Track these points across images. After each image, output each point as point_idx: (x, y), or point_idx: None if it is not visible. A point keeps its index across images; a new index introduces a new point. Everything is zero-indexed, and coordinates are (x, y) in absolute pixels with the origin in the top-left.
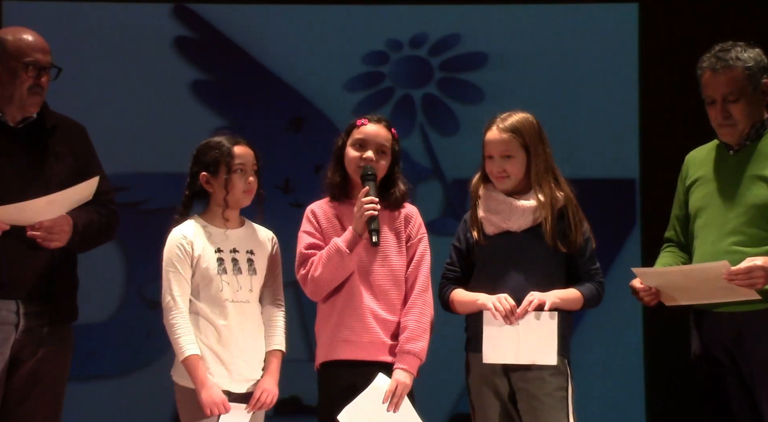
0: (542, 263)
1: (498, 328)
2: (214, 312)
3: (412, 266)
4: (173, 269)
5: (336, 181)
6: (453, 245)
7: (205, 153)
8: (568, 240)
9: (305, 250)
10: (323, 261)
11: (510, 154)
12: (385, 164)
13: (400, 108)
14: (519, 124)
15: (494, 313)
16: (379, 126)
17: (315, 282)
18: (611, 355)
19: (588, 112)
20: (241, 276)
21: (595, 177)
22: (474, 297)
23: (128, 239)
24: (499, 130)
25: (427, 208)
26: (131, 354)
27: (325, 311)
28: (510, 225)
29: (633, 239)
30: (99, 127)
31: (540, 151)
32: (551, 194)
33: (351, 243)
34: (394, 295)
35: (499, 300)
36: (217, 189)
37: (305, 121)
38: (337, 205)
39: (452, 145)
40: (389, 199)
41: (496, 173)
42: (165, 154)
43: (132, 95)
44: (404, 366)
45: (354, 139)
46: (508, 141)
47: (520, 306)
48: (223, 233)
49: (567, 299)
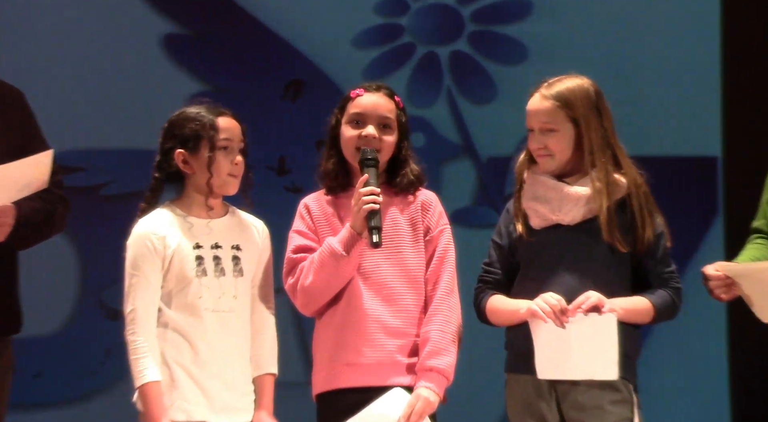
0: (601, 265)
1: (549, 336)
2: (190, 325)
3: (433, 265)
4: (138, 271)
5: (330, 169)
6: (492, 241)
7: (182, 125)
8: (634, 237)
9: (294, 254)
10: (315, 266)
11: (552, 128)
12: (390, 141)
13: (423, 69)
14: (568, 91)
15: (541, 315)
16: (379, 95)
17: (306, 293)
18: (689, 379)
19: (659, 75)
20: (225, 278)
21: (667, 155)
22: (515, 305)
23: (83, 232)
24: (541, 97)
25: (457, 193)
26: (86, 377)
27: (323, 327)
28: (561, 217)
29: (714, 231)
30: (43, 93)
31: (595, 124)
32: (608, 178)
33: (348, 244)
34: (411, 302)
35: (545, 299)
36: (197, 170)
37: (305, 86)
38: (336, 199)
39: (488, 115)
40: (400, 183)
41: (536, 150)
42: (130, 127)
43: (87, 52)
44: (428, 384)
45: (349, 114)
46: (550, 111)
47: (572, 304)
48: (204, 225)
49: (632, 310)
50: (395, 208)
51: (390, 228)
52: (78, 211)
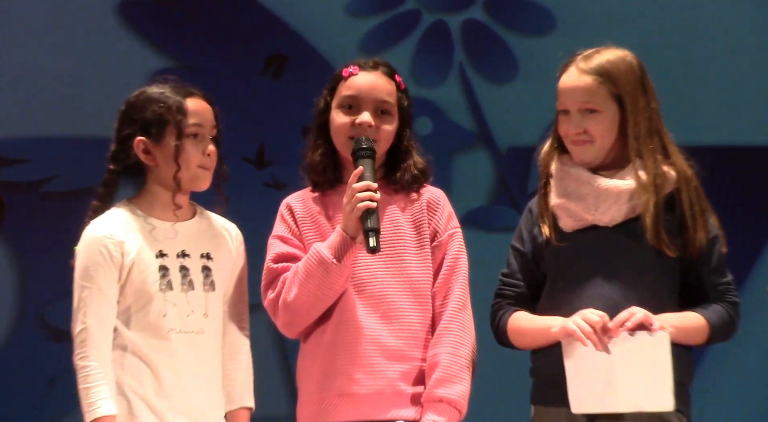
0: (646, 274)
1: (586, 361)
2: (153, 348)
3: (442, 275)
4: (91, 283)
5: (317, 162)
6: (512, 247)
7: (143, 108)
8: (684, 240)
9: (274, 264)
10: (300, 278)
11: (593, 108)
12: (390, 129)
13: (430, 41)
14: (610, 64)
15: (580, 336)
16: (376, 74)
17: (289, 310)
18: (749, 409)
19: (710, 48)
20: (194, 293)
21: (720, 144)
22: (545, 323)
23: (23, 237)
24: (579, 71)
25: (470, 190)
26: (26, 411)
27: (310, 350)
28: (598, 216)
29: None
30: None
31: (641, 105)
32: (656, 170)
33: (339, 250)
34: (415, 319)
35: (585, 316)
36: (161, 162)
37: (289, 62)
38: (324, 197)
39: (508, 96)
40: (401, 178)
41: (573, 135)
42: (80, 111)
43: (30, 21)
44: (437, 418)
45: (341, 97)
46: (591, 88)
47: (613, 321)
48: (169, 228)
49: (685, 328)
50: (396, 207)
51: (390, 232)
52: (15, 211)
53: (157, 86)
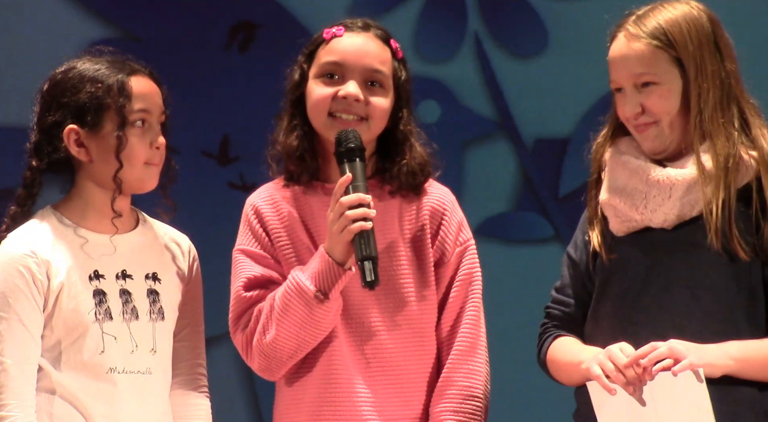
0: (710, 291)
1: (617, 404)
2: (88, 392)
3: (450, 307)
4: (8, 313)
5: (294, 147)
6: (567, 255)
7: (74, 89)
8: (763, 241)
9: (245, 292)
10: (277, 314)
11: (650, 79)
12: (382, 106)
13: (438, 5)
14: (668, 24)
15: (604, 382)
16: (366, 36)
17: (266, 355)
18: None
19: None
20: (138, 324)
21: None
22: (577, 357)
23: None
24: (629, 37)
25: (488, 191)
26: None
27: (289, 398)
28: (647, 215)
29: None
30: None
31: (710, 69)
32: (728, 151)
33: (324, 280)
34: (415, 362)
35: (611, 355)
36: (97, 157)
37: (259, 31)
38: (299, 195)
39: (535, 74)
40: (397, 173)
41: (632, 118)
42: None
43: None
44: None
45: (321, 64)
46: (644, 55)
47: (646, 359)
48: (106, 242)
49: (750, 360)
50: (390, 216)
51: (382, 253)
52: None
53: (89, 61)
